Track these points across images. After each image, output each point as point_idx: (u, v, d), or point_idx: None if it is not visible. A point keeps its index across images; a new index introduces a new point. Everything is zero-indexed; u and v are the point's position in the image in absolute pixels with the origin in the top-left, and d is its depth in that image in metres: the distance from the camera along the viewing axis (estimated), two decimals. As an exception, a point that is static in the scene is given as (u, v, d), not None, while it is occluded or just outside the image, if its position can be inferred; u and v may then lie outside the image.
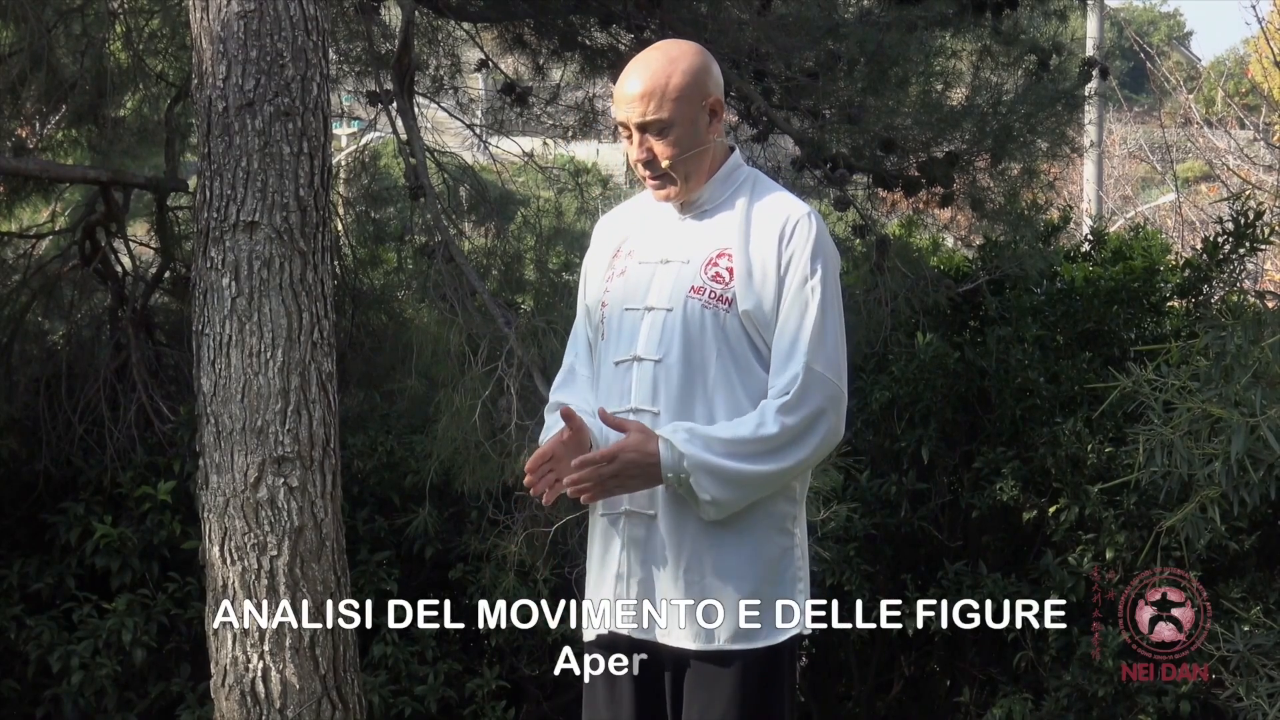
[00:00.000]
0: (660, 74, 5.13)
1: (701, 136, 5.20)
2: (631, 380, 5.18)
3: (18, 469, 13.46)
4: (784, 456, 5.07)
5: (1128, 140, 35.16)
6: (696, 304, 5.16)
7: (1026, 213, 13.60)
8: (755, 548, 5.17)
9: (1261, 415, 10.55)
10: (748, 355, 5.15)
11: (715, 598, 5.14)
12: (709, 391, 5.13)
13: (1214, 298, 13.77)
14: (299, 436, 10.34)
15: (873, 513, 13.19)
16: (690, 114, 5.16)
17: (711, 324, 5.14)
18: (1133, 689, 12.79)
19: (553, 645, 13.32)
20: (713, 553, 5.14)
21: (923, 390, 13.37)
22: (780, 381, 5.10)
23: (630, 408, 5.17)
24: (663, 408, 5.13)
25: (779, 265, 5.14)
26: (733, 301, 5.15)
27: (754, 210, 5.23)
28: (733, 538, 5.14)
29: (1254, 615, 11.93)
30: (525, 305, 12.79)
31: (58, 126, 13.96)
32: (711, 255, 5.20)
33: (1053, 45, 13.76)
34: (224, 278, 10.40)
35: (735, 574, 5.15)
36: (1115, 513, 12.79)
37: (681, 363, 5.14)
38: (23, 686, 13.41)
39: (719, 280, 5.16)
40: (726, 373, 5.14)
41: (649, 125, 5.14)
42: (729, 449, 5.02)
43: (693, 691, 5.16)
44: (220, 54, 10.37)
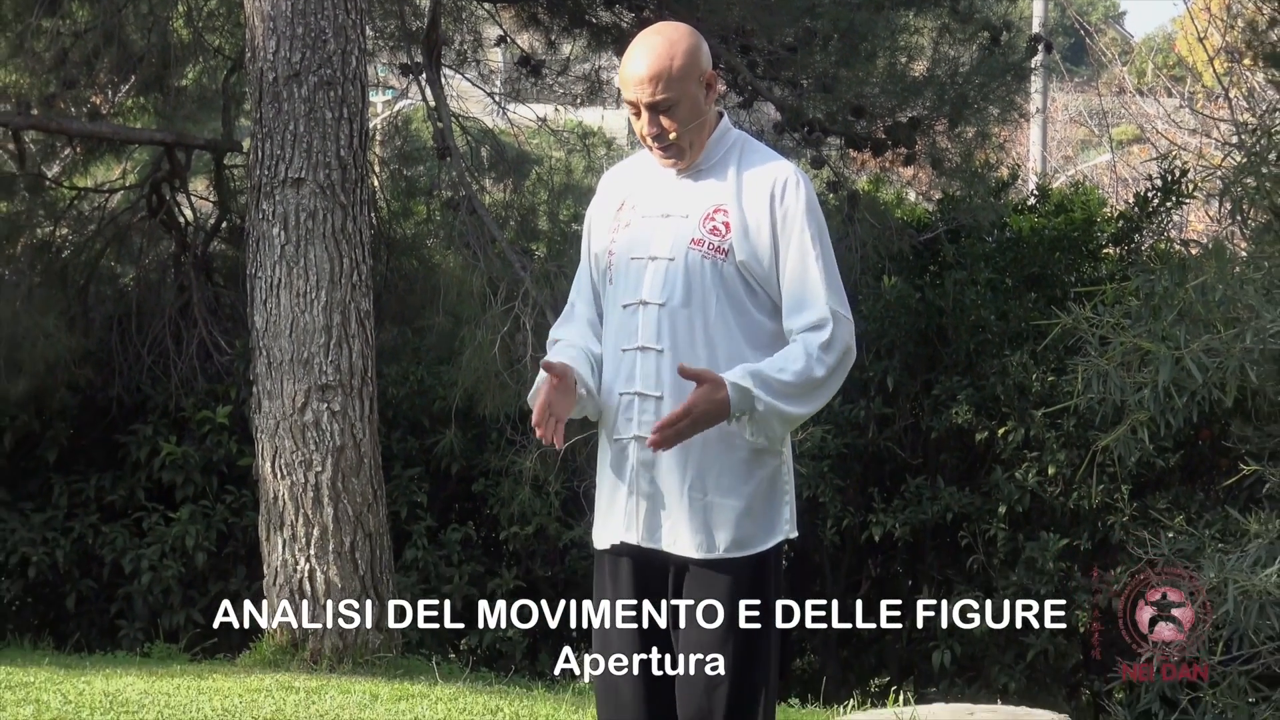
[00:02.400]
0: (663, 57, 5.12)
1: (700, 108, 5.20)
2: (639, 322, 5.18)
3: (94, 395, 13.48)
4: (825, 393, 5.11)
5: (1069, 107, 35.06)
6: (696, 254, 5.15)
7: (980, 171, 13.59)
8: (751, 468, 5.17)
9: (1185, 348, 10.55)
10: (743, 300, 5.15)
11: (716, 513, 5.15)
12: (709, 332, 5.14)
13: (1144, 245, 13.76)
14: (340, 367, 10.36)
15: (844, 434, 13.20)
16: (691, 90, 5.15)
17: (710, 272, 5.14)
18: (1071, 587, 12.83)
19: (563, 550, 13.35)
20: (714, 473, 5.14)
21: (888, 327, 13.37)
22: (806, 318, 5.08)
23: (638, 345, 5.17)
24: (666, 346, 5.13)
25: (772, 221, 5.14)
26: (729, 252, 5.14)
27: (745, 171, 5.22)
28: (732, 460, 5.14)
29: (1177, 523, 11.94)
30: (539, 252, 12.79)
31: (127, 95, 13.93)
32: (708, 210, 5.19)
33: (1003, 23, 13.75)
34: (274, 228, 10.40)
35: (734, 492, 5.15)
36: (1057, 434, 12.80)
37: (684, 306, 5.14)
38: (99, 585, 13.48)
39: (716, 233, 5.16)
40: (724, 315, 5.14)
41: (657, 105, 5.14)
42: (786, 390, 5.05)
43: (691, 591, 5.18)
44: (270, 30, 10.36)
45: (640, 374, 5.22)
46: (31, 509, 13.50)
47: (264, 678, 9.46)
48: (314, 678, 9.57)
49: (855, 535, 13.42)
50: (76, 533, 13.40)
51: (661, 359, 5.18)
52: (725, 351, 5.18)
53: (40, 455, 13.60)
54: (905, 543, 13.37)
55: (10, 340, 12.67)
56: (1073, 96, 35.81)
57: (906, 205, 14.64)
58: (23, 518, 13.41)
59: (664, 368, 5.18)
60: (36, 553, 13.24)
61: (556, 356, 5.30)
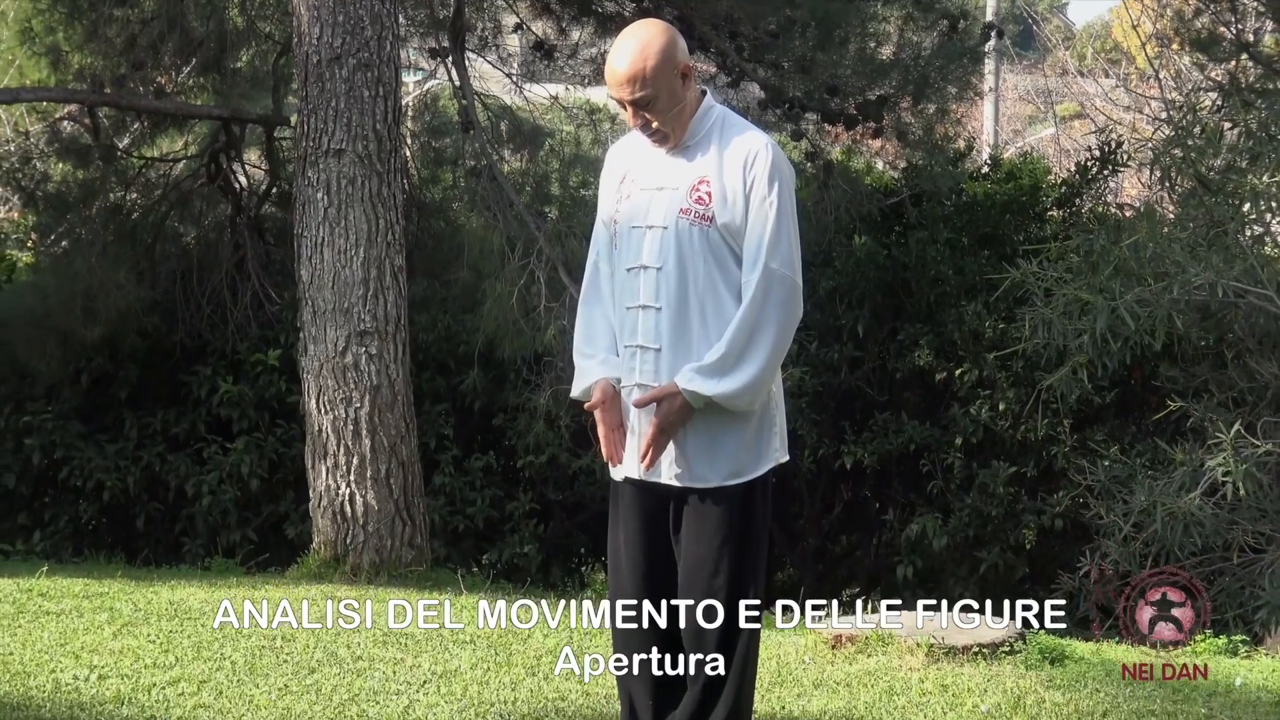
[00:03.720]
0: (638, 61, 5.18)
1: (678, 96, 5.23)
2: (639, 283, 5.25)
3: (160, 340, 13.49)
4: (765, 343, 5.13)
5: (1018, 87, 34.97)
6: (685, 222, 5.21)
7: (939, 143, 13.56)
8: (747, 410, 5.22)
9: (1120, 299, 10.56)
10: (726, 259, 5.20)
11: (715, 450, 5.20)
12: (700, 291, 5.19)
13: (1084, 209, 13.74)
14: (377, 315, 10.35)
15: (819, 375, 13.19)
16: (667, 83, 5.20)
17: (698, 237, 5.19)
18: (1019, 508, 12.85)
19: (572, 476, 13.36)
20: (712, 414, 5.18)
21: (858, 280, 13.36)
22: (749, 275, 5.16)
23: (639, 304, 5.22)
24: (664, 304, 5.19)
25: (745, 186, 5.19)
26: (712, 219, 5.20)
27: (725, 145, 5.27)
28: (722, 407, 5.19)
29: (1112, 453, 11.95)
30: (552, 214, 12.76)
31: (189, 75, 13.88)
32: (694, 182, 5.24)
33: (960, 12, 13.70)
34: (318, 193, 10.38)
35: (731, 430, 5.20)
36: (1006, 374, 12.80)
37: (676, 269, 5.20)
38: (165, 507, 13.52)
39: (701, 203, 5.21)
40: (710, 274, 5.19)
41: (638, 101, 5.20)
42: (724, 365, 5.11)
43: (690, 517, 5.22)
44: (314, 19, 10.33)
45: (641, 329, 5.31)
46: (106, 440, 13.55)
47: (310, 588, 9.49)
48: (354, 588, 9.59)
49: (829, 464, 13.44)
50: (145, 461, 13.45)
51: (660, 316, 5.28)
52: (713, 306, 5.26)
53: (113, 393, 13.65)
54: (873, 470, 13.38)
55: (87, 292, 12.77)
56: (1021, 77, 35.72)
57: (875, 173, 14.62)
58: (98, 448, 13.45)
59: (662, 323, 5.29)
60: (110, 479, 13.31)
61: (589, 377, 5.43)
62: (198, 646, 7.36)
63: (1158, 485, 10.92)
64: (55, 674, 6.74)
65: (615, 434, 5.34)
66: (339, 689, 6.58)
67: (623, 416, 5.35)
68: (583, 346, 5.49)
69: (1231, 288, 10.60)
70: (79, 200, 13.57)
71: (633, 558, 5.38)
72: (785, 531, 13.83)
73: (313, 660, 7.14)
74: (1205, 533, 10.78)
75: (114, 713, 6.16)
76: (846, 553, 13.96)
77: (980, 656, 7.41)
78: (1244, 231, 10.99)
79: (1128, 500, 11.17)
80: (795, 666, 7.30)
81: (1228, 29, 13.37)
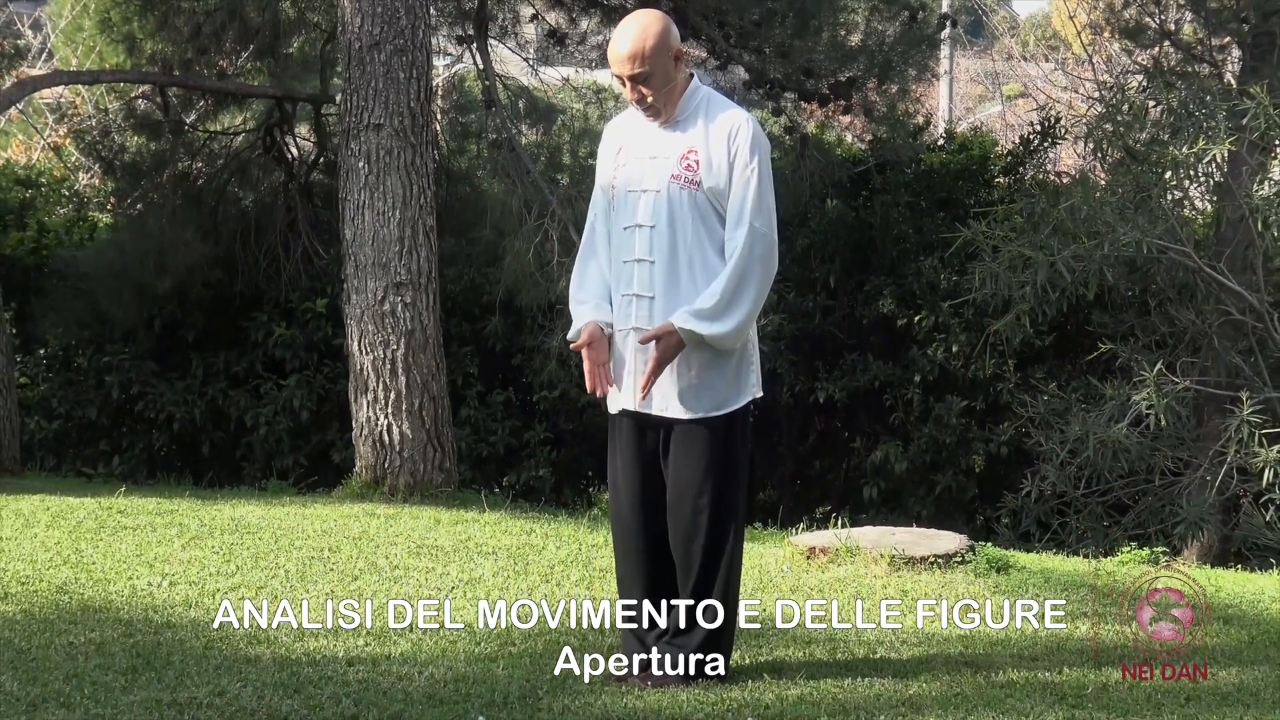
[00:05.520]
0: (638, 41, 5.18)
1: (670, 75, 5.24)
2: (635, 240, 5.26)
3: (222, 291, 13.49)
4: (749, 292, 5.13)
5: (969, 70, 34.82)
6: (675, 186, 5.23)
7: (901, 119, 13.51)
8: (723, 351, 5.22)
9: (1058, 255, 10.54)
10: (712, 219, 5.22)
11: (699, 384, 5.20)
12: (688, 246, 5.20)
13: (1027, 176, 13.69)
14: (411, 269, 10.31)
15: (796, 321, 13.18)
16: (662, 64, 5.20)
17: (687, 199, 5.21)
18: (970, 436, 12.86)
19: (581, 409, 13.34)
20: (698, 353, 5.18)
21: (830, 239, 13.34)
22: (733, 232, 5.16)
23: (635, 258, 5.22)
24: (657, 258, 5.21)
25: (729, 155, 5.20)
26: (700, 183, 5.21)
27: (711, 120, 5.27)
28: (711, 345, 5.18)
29: (1051, 389, 11.97)
30: (563, 181, 12.72)
31: (247, 60, 13.82)
32: (684, 152, 5.25)
33: (919, 4, 13.64)
34: (360, 162, 10.33)
35: (714, 367, 5.21)
36: (959, 321, 12.78)
37: (668, 227, 5.22)
38: (227, 436, 13.58)
39: (690, 169, 5.23)
40: (698, 233, 5.20)
41: (636, 77, 5.20)
42: (717, 310, 5.13)
43: (678, 444, 5.23)
44: (356, 9, 10.27)
45: (637, 280, 5.33)
46: (175, 378, 13.61)
47: (353, 507, 9.48)
48: (391, 506, 9.58)
49: (805, 399, 13.42)
50: (209, 396, 13.51)
51: (654, 268, 5.29)
52: (699, 259, 5.28)
53: (181, 336, 13.70)
54: (843, 404, 13.36)
55: (159, 249, 12.85)
56: (972, 61, 35.55)
57: (845, 145, 14.56)
58: (169, 384, 13.52)
59: (655, 274, 5.31)
60: (179, 411, 13.40)
61: (582, 320, 5.39)
62: (255, 557, 7.35)
63: (1090, 417, 10.94)
64: (131, 580, 6.73)
65: (600, 369, 5.32)
66: (378, 593, 6.58)
67: (608, 355, 5.32)
68: (576, 293, 5.50)
69: (1155, 245, 10.61)
70: (151, 169, 13.57)
71: (629, 480, 5.40)
72: (766, 457, 13.82)
73: (356, 569, 7.13)
74: (1131, 458, 10.83)
75: (182, 615, 6.16)
76: (820, 476, 13.95)
77: (936, 566, 7.42)
78: (1166, 196, 11.00)
79: (1064, 430, 11.18)
80: (775, 574, 7.31)
81: (1152, 19, 13.30)
